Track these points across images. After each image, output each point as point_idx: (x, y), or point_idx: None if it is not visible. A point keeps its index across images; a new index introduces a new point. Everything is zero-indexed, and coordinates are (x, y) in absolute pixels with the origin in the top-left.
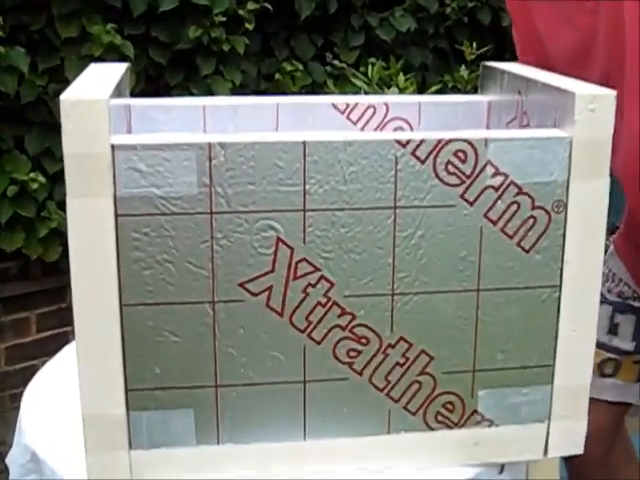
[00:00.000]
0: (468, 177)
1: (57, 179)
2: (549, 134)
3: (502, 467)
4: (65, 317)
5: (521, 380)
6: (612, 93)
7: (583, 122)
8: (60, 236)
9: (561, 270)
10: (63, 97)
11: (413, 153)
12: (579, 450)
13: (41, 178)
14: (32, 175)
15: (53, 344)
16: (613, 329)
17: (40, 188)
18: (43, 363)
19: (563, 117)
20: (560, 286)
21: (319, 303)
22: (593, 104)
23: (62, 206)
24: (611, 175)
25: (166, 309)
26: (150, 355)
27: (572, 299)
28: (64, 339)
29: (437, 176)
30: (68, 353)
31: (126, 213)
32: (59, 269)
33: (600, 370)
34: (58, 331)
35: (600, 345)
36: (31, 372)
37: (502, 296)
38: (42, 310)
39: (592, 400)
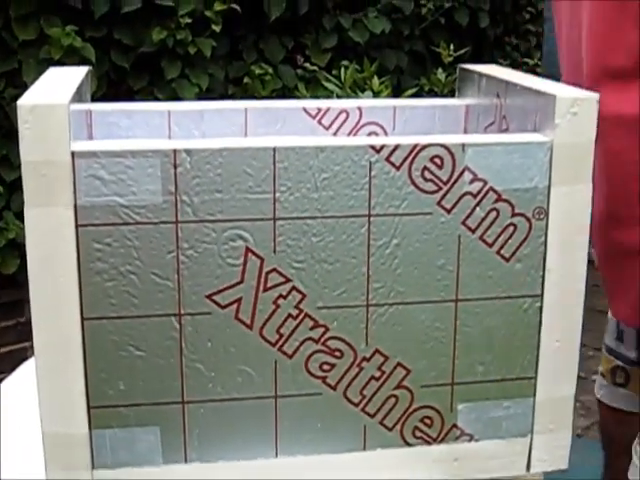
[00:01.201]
0: (445, 183)
1: (15, 188)
2: (529, 139)
3: None
4: (23, 332)
5: (502, 393)
6: (594, 96)
7: (564, 126)
8: (18, 247)
9: (543, 279)
10: (20, 102)
11: (388, 159)
12: (564, 465)
13: None
14: None
15: (11, 360)
16: (620, 335)
17: None
18: (0, 380)
19: (544, 121)
20: (542, 295)
21: (290, 315)
22: (575, 107)
23: (20, 216)
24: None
25: (130, 323)
26: (113, 371)
27: (555, 309)
28: (22, 355)
29: (413, 182)
30: (27, 370)
31: (87, 223)
32: (17, 282)
33: (612, 378)
34: (16, 347)
35: (610, 350)
36: None
37: (482, 306)
38: None
39: (609, 407)
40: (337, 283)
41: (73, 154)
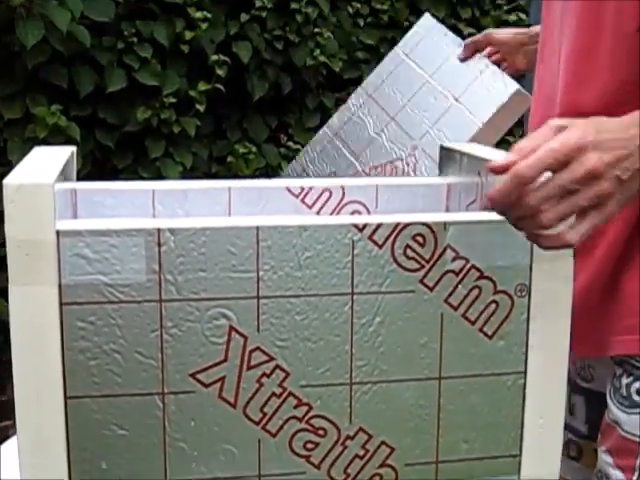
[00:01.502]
0: (427, 261)
1: None
2: None
3: None
4: (6, 410)
5: (487, 471)
6: None
7: None
8: (2, 325)
9: (526, 356)
10: (6, 181)
11: (370, 237)
12: None
13: None
14: None
15: None
16: (571, 409)
17: None
18: None
19: None
20: (525, 372)
21: (274, 394)
22: None
23: (4, 294)
24: None
25: (113, 401)
26: (96, 449)
27: (538, 386)
28: (4, 434)
29: (395, 261)
30: (9, 449)
31: (71, 301)
32: (0, 359)
33: (566, 451)
34: None
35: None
36: None
37: (465, 384)
38: None
39: None
40: (320, 361)
41: (58, 233)
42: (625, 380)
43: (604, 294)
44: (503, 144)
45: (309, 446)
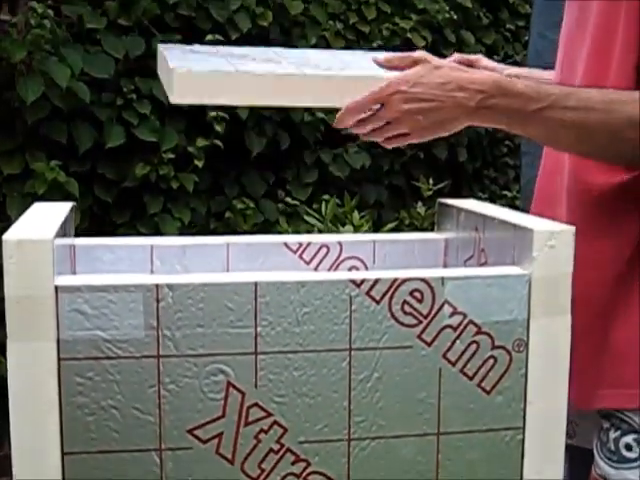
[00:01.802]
0: (425, 317)
1: None
2: (507, 272)
3: None
4: (3, 466)
5: None
6: (571, 229)
7: (542, 259)
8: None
9: (524, 411)
10: (6, 237)
11: (368, 293)
12: None
13: None
14: None
15: None
16: None
17: None
18: None
19: (521, 254)
20: (524, 427)
21: (272, 450)
22: (552, 241)
23: (2, 350)
24: None
25: (111, 457)
26: None
27: (536, 441)
28: None
29: (393, 316)
30: None
31: (69, 357)
32: None
33: None
34: None
35: None
36: None
37: (463, 439)
38: None
39: None
40: (318, 417)
41: (57, 288)
42: (613, 434)
43: (590, 348)
44: (503, 199)
45: None
